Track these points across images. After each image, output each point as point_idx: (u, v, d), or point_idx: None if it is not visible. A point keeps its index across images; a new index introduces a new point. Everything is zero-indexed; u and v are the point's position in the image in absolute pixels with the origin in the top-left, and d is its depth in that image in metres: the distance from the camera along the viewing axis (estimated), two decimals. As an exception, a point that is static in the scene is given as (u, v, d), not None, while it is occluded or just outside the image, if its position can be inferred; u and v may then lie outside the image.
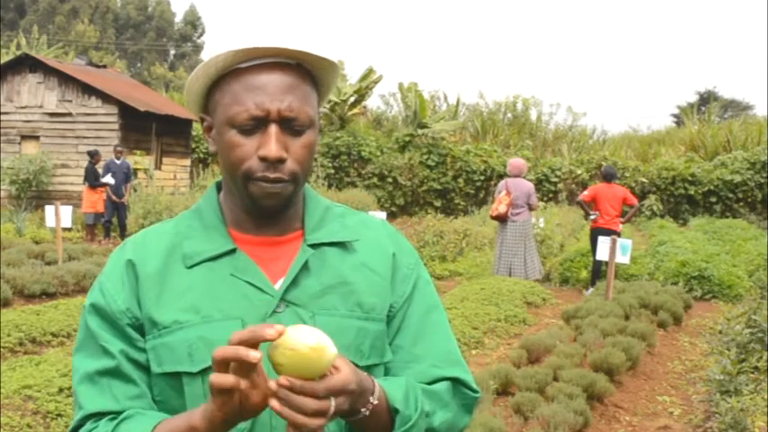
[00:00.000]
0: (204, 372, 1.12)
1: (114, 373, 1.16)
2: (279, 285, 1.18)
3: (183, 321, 1.15)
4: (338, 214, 1.30)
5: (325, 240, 1.23)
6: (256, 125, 1.14)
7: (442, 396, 1.22)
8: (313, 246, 1.22)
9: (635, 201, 10.11)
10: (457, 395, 1.25)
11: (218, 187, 1.30)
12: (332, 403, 0.99)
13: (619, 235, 9.25)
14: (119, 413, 1.14)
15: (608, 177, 10.04)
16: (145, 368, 1.17)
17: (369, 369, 1.18)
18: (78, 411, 1.17)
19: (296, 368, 0.97)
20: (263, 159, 1.14)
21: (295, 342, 0.97)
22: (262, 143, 1.14)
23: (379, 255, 1.26)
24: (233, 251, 1.20)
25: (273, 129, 1.14)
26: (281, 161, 1.14)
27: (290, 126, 1.15)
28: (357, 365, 1.11)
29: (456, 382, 1.25)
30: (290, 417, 0.96)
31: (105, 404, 1.15)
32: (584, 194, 10.05)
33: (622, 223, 9.98)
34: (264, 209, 1.18)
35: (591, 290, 9.91)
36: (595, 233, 9.66)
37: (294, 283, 1.18)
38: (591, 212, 9.88)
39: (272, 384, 0.97)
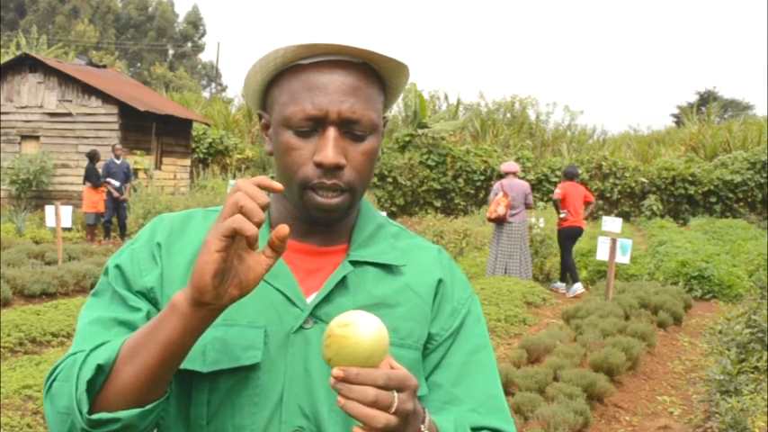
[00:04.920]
0: (213, 375, 1.06)
1: (131, 327, 1.06)
2: (311, 299, 1.10)
3: None
4: (390, 234, 1.20)
5: (369, 260, 1.14)
6: (314, 127, 1.06)
7: None
8: (355, 263, 1.13)
9: (593, 198, 10.55)
10: None
11: None
12: (395, 396, 0.90)
13: (583, 231, 10.12)
14: None
15: (571, 176, 10.26)
16: None
17: None
18: (73, 346, 1.07)
19: (350, 358, 0.90)
20: (318, 165, 1.06)
21: (353, 330, 0.90)
22: (318, 147, 1.06)
23: (424, 279, 1.17)
24: None
25: (332, 132, 1.06)
26: (339, 168, 1.06)
27: (350, 130, 1.07)
28: None
29: None
30: (353, 410, 0.87)
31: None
32: (558, 193, 10.20)
33: (584, 219, 10.34)
34: (316, 220, 1.11)
35: (576, 286, 10.03)
36: (568, 232, 10.04)
37: (327, 299, 1.10)
38: (561, 211, 10.08)
39: (331, 380, 0.89)
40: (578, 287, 9.99)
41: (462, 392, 1.14)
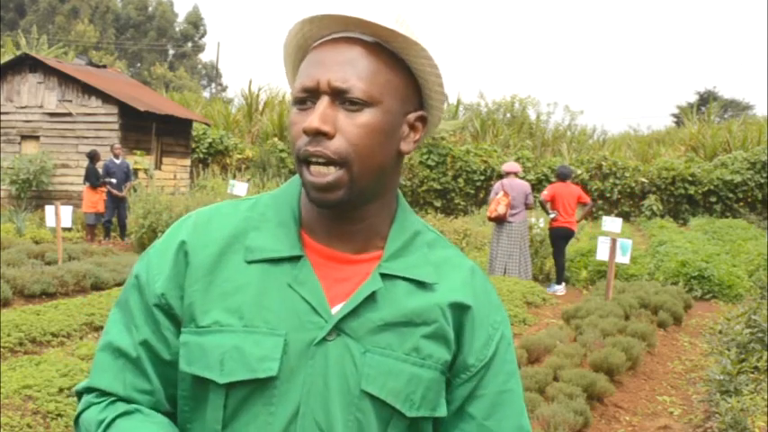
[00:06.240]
0: (230, 385, 1.04)
1: (132, 361, 1.09)
2: (337, 310, 1.06)
3: (224, 324, 1.05)
4: (426, 242, 1.15)
5: (399, 274, 1.09)
6: (309, 98, 1.04)
7: None
8: (385, 276, 1.08)
9: (588, 199, 10.41)
10: None
11: None
12: None
13: (574, 233, 10.03)
14: (122, 399, 1.09)
15: (564, 177, 10.22)
16: (165, 362, 1.09)
17: (416, 422, 1.08)
18: (89, 377, 1.13)
19: None
20: (305, 133, 1.02)
21: None
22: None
23: (450, 301, 1.11)
24: (298, 258, 1.07)
25: (322, 101, 1.02)
26: (322, 134, 1.01)
27: (344, 100, 1.03)
28: (404, 415, 1.06)
29: None
30: None
31: (112, 385, 1.09)
32: (545, 194, 10.18)
33: (578, 221, 10.30)
34: (318, 203, 1.05)
35: (557, 287, 10.03)
36: (556, 232, 10.02)
37: (354, 312, 1.05)
38: (550, 211, 10.05)
39: None
40: (559, 289, 10.08)
41: (494, 425, 1.13)
